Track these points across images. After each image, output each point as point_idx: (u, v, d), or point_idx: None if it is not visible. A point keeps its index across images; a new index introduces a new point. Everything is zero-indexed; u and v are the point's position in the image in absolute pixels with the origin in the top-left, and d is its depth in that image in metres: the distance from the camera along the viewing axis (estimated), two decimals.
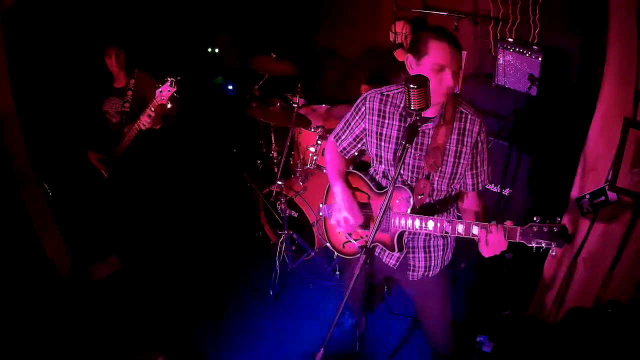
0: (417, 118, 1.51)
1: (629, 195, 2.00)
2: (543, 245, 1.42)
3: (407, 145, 1.50)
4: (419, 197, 1.75)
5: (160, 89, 2.67)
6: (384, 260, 1.97)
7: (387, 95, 1.79)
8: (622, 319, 2.25)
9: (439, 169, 1.74)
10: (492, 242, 1.53)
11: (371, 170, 1.99)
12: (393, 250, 1.84)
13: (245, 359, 2.69)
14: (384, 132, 1.80)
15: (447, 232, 1.65)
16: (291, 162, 3.72)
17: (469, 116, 1.72)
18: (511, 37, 3.10)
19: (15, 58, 2.60)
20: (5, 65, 2.53)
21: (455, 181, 1.80)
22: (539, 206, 3.07)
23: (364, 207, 1.91)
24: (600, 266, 2.27)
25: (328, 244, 2.18)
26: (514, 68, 3.01)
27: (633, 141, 2.01)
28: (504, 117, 3.14)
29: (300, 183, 3.43)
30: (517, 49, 2.95)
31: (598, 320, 2.32)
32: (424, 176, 1.75)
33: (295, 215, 3.36)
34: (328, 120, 3.76)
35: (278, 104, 3.53)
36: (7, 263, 2.71)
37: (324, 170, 3.45)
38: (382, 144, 1.82)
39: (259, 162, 4.03)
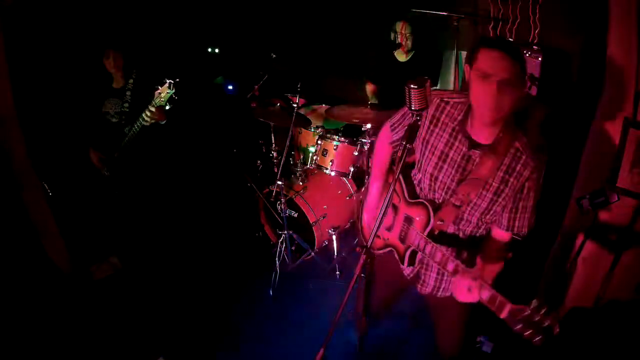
0: (417, 118, 1.50)
1: (629, 195, 2.00)
2: (526, 334, 1.29)
3: (407, 145, 1.46)
4: (439, 222, 1.66)
5: (159, 91, 2.68)
6: (401, 267, 1.91)
7: (447, 103, 1.67)
8: (622, 319, 2.25)
9: (472, 202, 1.63)
10: (464, 291, 1.48)
11: (413, 171, 1.87)
12: (402, 262, 1.78)
13: (245, 359, 2.69)
14: (431, 141, 1.70)
15: (448, 271, 1.57)
16: (291, 162, 3.72)
17: (524, 157, 1.55)
18: (511, 37, 3.10)
19: (14, 58, 2.60)
20: (4, 65, 2.53)
21: (488, 216, 1.68)
22: (539, 206, 3.07)
23: (393, 209, 1.86)
24: (600, 266, 2.27)
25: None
26: None
27: (633, 141, 2.01)
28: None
29: (300, 183, 3.43)
30: None
31: (598, 320, 2.31)
32: (453, 204, 1.65)
33: (295, 215, 3.36)
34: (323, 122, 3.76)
35: (278, 104, 3.53)
36: (8, 264, 2.70)
37: (324, 170, 3.45)
38: (426, 152, 1.72)
39: (259, 162, 4.03)
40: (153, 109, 2.76)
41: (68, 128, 3.35)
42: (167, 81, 2.66)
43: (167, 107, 2.74)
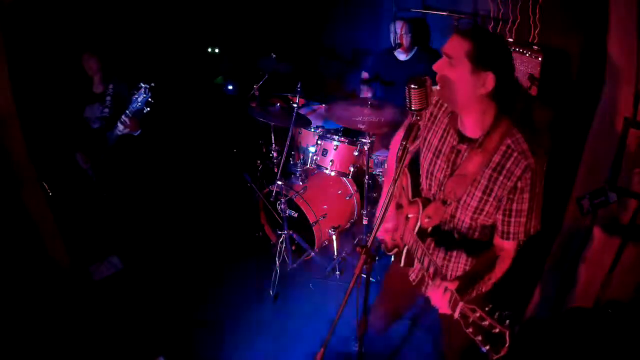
0: (418, 118, 1.50)
1: (629, 195, 2.00)
2: (477, 339, 1.19)
3: (406, 144, 1.44)
4: (426, 219, 1.63)
5: (135, 95, 2.72)
6: (409, 273, 1.89)
7: None
8: (622, 319, 2.25)
9: (460, 199, 1.57)
10: (437, 295, 1.39)
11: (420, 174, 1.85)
12: (400, 262, 1.77)
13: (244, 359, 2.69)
14: (429, 138, 1.67)
15: (424, 268, 1.55)
16: (291, 162, 3.72)
17: (515, 154, 1.44)
18: (511, 37, 3.10)
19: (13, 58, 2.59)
20: (4, 65, 2.52)
21: (482, 217, 1.58)
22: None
23: (399, 209, 1.84)
24: (600, 266, 2.27)
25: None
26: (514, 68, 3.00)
27: (633, 141, 2.01)
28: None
29: (300, 183, 3.43)
30: (517, 49, 2.95)
31: (598, 320, 2.31)
32: (442, 201, 1.60)
33: (295, 215, 3.36)
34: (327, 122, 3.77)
35: (278, 104, 3.53)
36: (8, 263, 2.70)
37: (324, 170, 3.45)
38: (424, 150, 1.69)
39: (259, 162, 4.03)
40: (128, 119, 2.79)
41: (53, 132, 3.35)
42: (143, 86, 2.70)
43: (145, 111, 2.77)
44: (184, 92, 2.80)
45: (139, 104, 2.75)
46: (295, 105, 3.22)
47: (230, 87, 4.69)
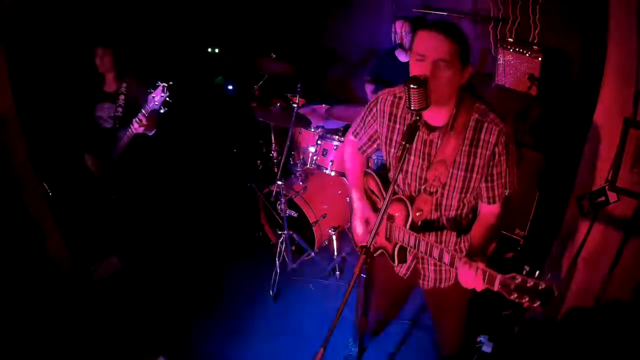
0: (417, 118, 1.50)
1: (629, 195, 2.00)
2: (524, 302, 1.27)
3: (407, 144, 1.44)
4: (417, 213, 1.66)
5: (152, 94, 2.63)
6: (395, 270, 1.90)
7: (400, 98, 1.65)
8: (622, 319, 2.25)
9: (445, 184, 1.61)
10: (469, 278, 1.44)
11: (390, 173, 1.89)
12: (393, 260, 1.78)
13: (244, 359, 2.69)
14: (393, 138, 1.70)
15: (435, 259, 1.57)
16: (291, 162, 3.72)
17: (486, 124, 1.52)
18: (511, 37, 3.10)
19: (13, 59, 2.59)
20: (4, 64, 2.52)
21: (468, 195, 1.65)
22: (539, 206, 3.07)
23: (376, 212, 1.86)
24: (600, 266, 2.27)
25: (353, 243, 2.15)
26: (514, 68, 3.01)
27: (633, 141, 2.01)
28: (503, 118, 3.15)
29: (300, 183, 3.43)
30: (517, 49, 2.96)
31: (598, 320, 2.31)
32: (427, 192, 1.64)
33: (295, 215, 3.36)
34: (328, 121, 3.77)
35: (278, 104, 3.53)
36: (8, 263, 2.71)
37: (324, 170, 3.45)
38: (391, 150, 1.72)
39: (259, 162, 4.03)
40: (144, 118, 2.71)
41: (62, 131, 3.31)
42: (161, 84, 2.59)
43: (162, 111, 2.68)
44: (184, 92, 2.76)
45: (156, 103, 2.63)
46: (295, 105, 3.22)
47: (230, 87, 4.69)
